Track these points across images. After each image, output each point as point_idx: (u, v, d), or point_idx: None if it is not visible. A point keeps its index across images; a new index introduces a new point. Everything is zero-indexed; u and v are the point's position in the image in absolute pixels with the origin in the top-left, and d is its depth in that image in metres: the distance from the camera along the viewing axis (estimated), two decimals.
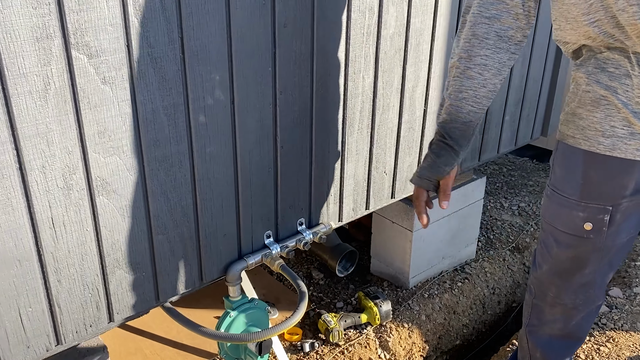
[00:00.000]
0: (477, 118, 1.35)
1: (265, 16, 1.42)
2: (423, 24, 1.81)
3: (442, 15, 1.85)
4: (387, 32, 1.72)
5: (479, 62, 1.30)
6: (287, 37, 1.48)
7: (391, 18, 1.71)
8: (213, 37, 1.34)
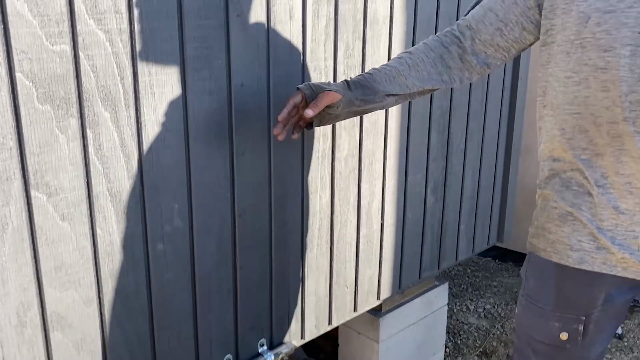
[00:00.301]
0: (381, 86, 1.43)
1: (224, 147, 1.49)
2: (375, 144, 1.92)
3: (392, 136, 1.96)
4: (341, 154, 1.81)
5: (412, 60, 1.44)
6: (245, 165, 1.55)
7: (344, 142, 1.81)
8: (173, 170, 1.40)
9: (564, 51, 1.29)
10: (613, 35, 1.21)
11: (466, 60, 1.42)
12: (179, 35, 1.36)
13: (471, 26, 1.41)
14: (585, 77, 1.27)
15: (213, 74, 1.44)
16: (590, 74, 1.26)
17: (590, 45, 1.24)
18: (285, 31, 1.57)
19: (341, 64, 1.75)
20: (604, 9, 1.21)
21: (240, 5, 1.46)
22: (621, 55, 1.20)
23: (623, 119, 1.24)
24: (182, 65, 1.38)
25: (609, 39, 1.21)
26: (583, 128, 1.30)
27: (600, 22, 1.22)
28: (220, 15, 1.42)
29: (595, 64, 1.24)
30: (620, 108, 1.23)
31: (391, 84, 1.43)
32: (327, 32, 1.68)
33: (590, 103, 1.27)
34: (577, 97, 1.28)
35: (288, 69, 1.60)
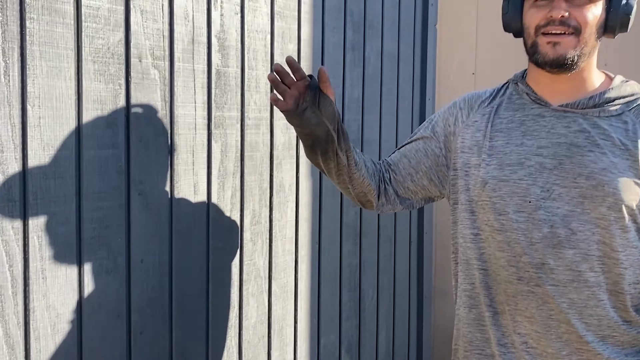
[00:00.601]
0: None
1: (120, 327, 1.44)
2: (284, 309, 1.91)
3: (302, 299, 1.97)
4: (249, 322, 1.78)
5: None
6: (144, 344, 1.49)
7: (252, 309, 1.79)
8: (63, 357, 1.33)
9: (470, 210, 1.40)
10: (507, 202, 1.33)
11: (387, 190, 1.52)
12: (76, 218, 1.35)
13: (391, 164, 1.54)
14: (487, 236, 1.37)
15: (111, 252, 1.42)
16: (490, 234, 1.36)
17: (488, 207, 1.35)
18: (188, 205, 1.60)
19: (248, 231, 1.78)
20: (499, 177, 1.34)
21: (143, 185, 1.48)
22: (514, 220, 1.31)
23: (517, 279, 1.32)
24: (78, 247, 1.36)
25: (503, 204, 1.33)
26: (487, 285, 1.37)
27: (495, 189, 1.34)
28: (121, 196, 1.43)
29: (492, 225, 1.35)
30: (515, 268, 1.32)
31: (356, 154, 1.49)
32: (232, 202, 1.72)
33: (491, 261, 1.36)
34: (483, 254, 1.37)
35: (191, 241, 1.61)
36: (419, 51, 2.57)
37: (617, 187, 1.25)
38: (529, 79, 1.39)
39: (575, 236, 1.27)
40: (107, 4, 1.38)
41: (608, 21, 1.29)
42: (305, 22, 1.94)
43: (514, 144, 1.35)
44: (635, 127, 1.29)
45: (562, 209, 1.28)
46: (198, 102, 1.60)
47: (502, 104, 1.42)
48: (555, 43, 1.26)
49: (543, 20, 1.27)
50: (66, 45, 1.31)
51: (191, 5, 1.56)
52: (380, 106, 2.34)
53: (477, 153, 1.39)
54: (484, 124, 1.41)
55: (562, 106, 1.33)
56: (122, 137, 1.43)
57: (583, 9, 1.25)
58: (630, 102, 1.32)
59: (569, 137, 1.30)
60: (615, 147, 1.27)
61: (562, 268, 1.28)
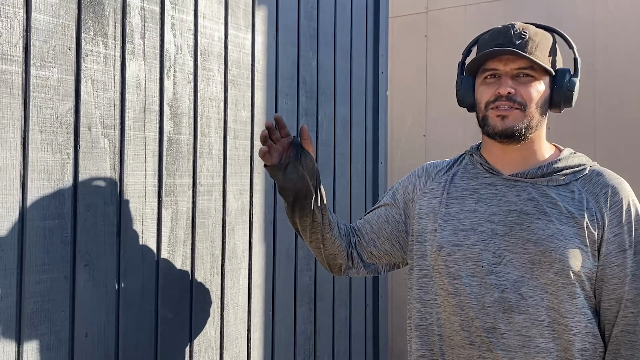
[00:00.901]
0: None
1: None
2: None
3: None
4: None
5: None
6: None
7: None
8: None
9: (427, 275, 1.42)
10: (460, 266, 1.36)
11: (353, 253, 1.55)
12: (17, 292, 1.30)
13: (356, 229, 1.58)
14: (443, 300, 1.38)
15: (54, 327, 1.36)
16: (445, 298, 1.38)
17: (443, 271, 1.38)
18: (137, 275, 1.55)
19: (198, 301, 1.73)
20: (454, 242, 1.38)
21: (89, 255, 1.44)
22: (467, 284, 1.34)
23: (469, 344, 1.32)
24: (18, 322, 1.29)
25: (457, 268, 1.36)
26: (442, 350, 1.37)
27: (450, 253, 1.38)
28: (65, 267, 1.39)
29: (447, 289, 1.37)
30: (467, 332, 1.33)
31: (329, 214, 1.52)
32: (183, 271, 1.69)
33: (446, 326, 1.37)
34: (439, 319, 1.38)
35: (139, 313, 1.56)
36: (371, 116, 2.64)
37: (563, 253, 1.29)
38: (483, 150, 1.46)
39: (525, 301, 1.30)
40: (57, 74, 1.38)
41: (553, 97, 1.38)
42: (259, 90, 1.97)
43: (468, 211, 1.40)
44: (581, 196, 1.34)
45: (512, 274, 1.31)
46: (149, 170, 1.59)
47: (457, 173, 1.48)
48: (503, 116, 1.34)
49: (492, 96, 1.35)
50: (12, 116, 1.29)
51: (143, 74, 1.57)
52: (334, 170, 2.37)
53: (433, 219, 1.44)
54: (440, 191, 1.47)
55: (513, 175, 1.39)
56: (68, 207, 1.40)
57: (528, 86, 1.34)
58: (577, 172, 1.38)
59: (518, 205, 1.36)
60: (562, 215, 1.32)
61: (512, 333, 1.30)
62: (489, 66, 1.36)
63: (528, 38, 1.34)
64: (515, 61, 1.33)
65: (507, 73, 1.34)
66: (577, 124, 3.27)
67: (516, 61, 1.33)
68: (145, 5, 1.58)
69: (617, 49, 3.21)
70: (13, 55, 1.30)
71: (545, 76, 1.36)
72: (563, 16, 3.34)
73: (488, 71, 1.37)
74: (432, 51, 3.68)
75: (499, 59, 1.35)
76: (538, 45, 1.35)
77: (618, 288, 1.30)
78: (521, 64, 1.33)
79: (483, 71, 1.38)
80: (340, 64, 2.41)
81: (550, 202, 1.34)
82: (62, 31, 1.39)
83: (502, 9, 3.49)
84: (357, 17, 2.55)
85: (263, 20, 2.00)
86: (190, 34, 1.71)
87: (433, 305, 1.40)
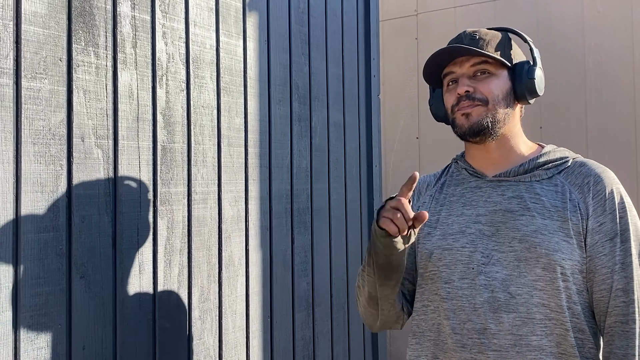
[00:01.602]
0: None
1: None
2: None
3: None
4: None
5: None
6: None
7: None
8: None
9: (419, 284, 1.44)
10: (452, 270, 1.36)
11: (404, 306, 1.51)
12: (12, 307, 1.28)
13: None
14: (437, 306, 1.38)
15: (50, 341, 1.35)
16: (439, 303, 1.38)
17: (436, 277, 1.38)
18: (133, 286, 1.54)
19: (196, 309, 1.73)
20: (443, 246, 1.38)
21: (85, 267, 1.43)
22: (458, 287, 1.34)
23: (461, 347, 1.32)
24: (14, 337, 1.28)
25: (448, 272, 1.36)
26: (436, 355, 1.37)
27: (441, 258, 1.38)
28: (61, 280, 1.38)
29: (440, 294, 1.37)
30: (459, 335, 1.33)
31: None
32: (180, 280, 1.68)
33: (441, 330, 1.37)
34: (433, 324, 1.39)
35: (137, 323, 1.55)
36: (364, 120, 2.64)
37: (548, 247, 1.29)
38: (466, 156, 1.48)
39: (514, 300, 1.30)
40: (49, 85, 1.37)
41: (515, 89, 1.39)
42: (252, 96, 1.97)
43: (455, 215, 1.41)
44: (564, 189, 1.34)
45: (500, 273, 1.32)
46: (143, 179, 1.58)
47: (445, 182, 1.50)
48: (467, 114, 1.36)
49: (455, 99, 1.38)
50: (4, 128, 1.28)
51: (136, 83, 1.56)
52: (329, 175, 2.36)
53: (422, 229, 1.45)
54: (430, 202, 1.49)
55: (497, 176, 1.40)
56: (63, 219, 1.39)
57: (485, 82, 1.36)
58: (560, 165, 1.38)
59: (503, 204, 1.36)
60: (545, 209, 1.33)
61: (503, 332, 1.29)
62: (446, 72, 1.40)
63: (478, 38, 1.37)
64: (469, 60, 1.36)
65: (464, 74, 1.36)
66: (569, 122, 3.29)
67: (469, 59, 1.36)
68: (136, 14, 1.58)
69: (606, 47, 3.23)
70: (4, 68, 1.29)
71: (503, 70, 1.38)
72: (552, 16, 3.36)
73: (447, 77, 1.40)
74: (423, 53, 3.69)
75: (453, 63, 1.38)
76: (489, 42, 1.37)
77: (608, 278, 1.29)
78: (475, 61, 1.35)
79: (444, 79, 1.42)
80: (332, 68, 2.41)
81: (533, 197, 1.35)
82: (52, 42, 1.38)
83: (492, 10, 3.51)
84: (348, 21, 2.55)
85: (254, 27, 1.99)
86: (181, 42, 1.71)
87: (427, 311, 1.41)
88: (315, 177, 2.28)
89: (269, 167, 2.04)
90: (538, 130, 3.34)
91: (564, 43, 3.33)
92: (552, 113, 3.33)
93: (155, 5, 1.63)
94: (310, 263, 2.23)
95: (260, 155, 2.00)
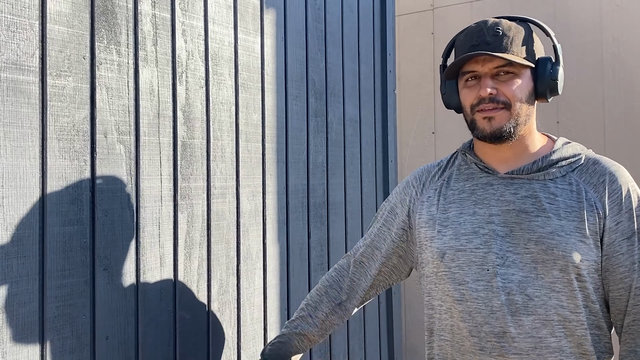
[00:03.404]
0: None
1: None
2: None
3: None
4: None
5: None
6: None
7: None
8: None
9: (433, 282, 1.41)
10: (465, 271, 1.34)
11: (347, 308, 1.59)
12: (39, 297, 1.33)
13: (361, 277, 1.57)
14: (449, 307, 1.37)
15: (75, 331, 1.39)
16: (452, 304, 1.37)
17: (447, 278, 1.37)
18: (155, 278, 1.58)
19: (215, 301, 1.76)
20: (456, 247, 1.36)
21: (108, 259, 1.47)
22: (473, 289, 1.33)
23: (480, 349, 1.31)
24: (41, 327, 1.33)
25: (462, 274, 1.35)
26: (452, 356, 1.36)
27: (454, 259, 1.36)
28: (85, 272, 1.42)
29: (453, 296, 1.36)
30: (477, 338, 1.32)
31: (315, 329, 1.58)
32: (199, 273, 1.71)
33: (455, 332, 1.36)
34: (447, 325, 1.38)
35: (158, 315, 1.59)
36: (380, 115, 2.66)
37: (565, 249, 1.27)
38: (476, 149, 1.44)
39: (533, 302, 1.29)
40: (73, 82, 1.41)
41: (537, 88, 1.35)
42: (269, 92, 2.00)
43: (467, 214, 1.38)
44: (579, 187, 1.32)
45: (517, 275, 1.30)
46: (164, 174, 1.62)
47: (452, 175, 1.46)
48: (490, 118, 1.32)
49: (475, 99, 1.33)
50: (31, 125, 1.32)
51: (156, 80, 1.60)
52: (345, 170, 2.39)
53: (432, 226, 1.42)
54: (437, 197, 1.45)
55: (509, 173, 1.37)
56: (86, 213, 1.43)
57: (509, 84, 1.32)
58: (573, 162, 1.36)
59: (516, 204, 1.34)
60: (561, 210, 1.31)
61: (523, 336, 1.28)
62: (467, 69, 1.35)
63: (502, 34, 1.32)
64: (493, 60, 1.31)
65: (487, 73, 1.32)
66: (585, 116, 3.27)
67: (493, 60, 1.31)
68: (157, 12, 1.61)
69: (624, 40, 3.21)
70: (30, 66, 1.33)
71: (526, 69, 1.34)
72: (569, 9, 3.34)
73: (467, 73, 1.35)
74: (439, 48, 3.69)
75: (475, 60, 1.33)
76: (513, 40, 1.32)
77: (626, 277, 1.28)
78: (499, 63, 1.31)
79: (463, 74, 1.37)
80: (348, 64, 2.43)
81: (548, 197, 1.32)
82: (76, 41, 1.42)
83: (508, 3, 3.50)
84: (364, 16, 2.57)
85: (271, 24, 2.02)
86: (200, 40, 1.74)
87: (440, 311, 1.39)
88: (331, 172, 2.30)
89: (286, 162, 2.07)
90: (555, 124, 3.33)
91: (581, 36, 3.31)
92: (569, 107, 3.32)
93: (175, 3, 1.66)
94: (326, 257, 2.25)
95: (277, 150, 2.03)
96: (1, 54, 1.27)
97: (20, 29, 1.31)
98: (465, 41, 1.36)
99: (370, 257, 1.55)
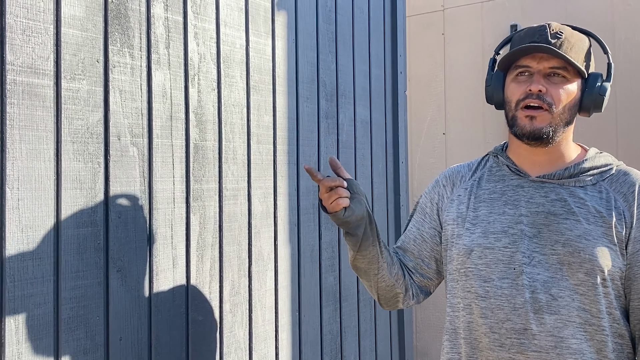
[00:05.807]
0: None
1: None
2: None
3: None
4: None
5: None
6: None
7: None
8: None
9: (454, 279, 1.43)
10: (492, 269, 1.36)
11: (407, 282, 1.51)
12: (54, 298, 1.34)
13: (400, 258, 1.55)
14: (469, 303, 1.38)
15: (89, 332, 1.41)
16: (473, 300, 1.37)
17: (473, 274, 1.38)
18: (167, 279, 1.59)
19: (227, 302, 1.77)
20: (484, 245, 1.38)
21: (122, 261, 1.48)
22: (498, 287, 1.34)
23: (499, 346, 1.32)
24: (56, 328, 1.34)
25: (488, 272, 1.36)
26: (469, 354, 1.37)
27: (481, 256, 1.37)
28: (99, 273, 1.43)
29: (476, 292, 1.37)
30: (497, 334, 1.33)
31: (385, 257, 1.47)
32: (211, 274, 1.72)
33: (473, 329, 1.37)
34: (464, 323, 1.39)
35: (171, 316, 1.60)
36: (390, 117, 2.66)
37: (592, 253, 1.29)
38: (510, 151, 1.46)
39: (556, 302, 1.29)
40: (87, 85, 1.42)
41: (583, 100, 1.37)
42: (280, 94, 2.00)
43: (497, 213, 1.39)
44: (609, 196, 1.34)
45: (542, 275, 1.31)
46: (176, 176, 1.63)
47: (483, 176, 1.47)
48: (532, 117, 1.33)
49: (523, 94, 1.34)
50: (45, 128, 1.34)
51: (169, 83, 1.61)
52: (355, 171, 2.39)
53: (461, 224, 1.43)
54: (467, 196, 1.46)
55: (540, 177, 1.38)
56: (100, 215, 1.44)
57: (558, 86, 1.33)
58: (604, 172, 1.37)
59: (546, 206, 1.35)
60: (590, 215, 1.32)
61: (544, 334, 1.29)
62: (521, 63, 1.35)
63: (564, 38, 1.33)
64: (549, 60, 1.32)
65: (540, 71, 1.33)
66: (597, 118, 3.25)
67: (550, 60, 1.32)
68: (169, 15, 1.62)
69: (637, 41, 3.19)
70: (45, 69, 1.34)
71: (578, 78, 1.35)
72: (581, 10, 3.33)
73: (520, 68, 1.35)
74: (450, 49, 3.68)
75: (532, 56, 1.33)
76: (573, 47, 1.33)
77: None
78: (555, 63, 1.32)
79: (515, 68, 1.37)
80: (359, 65, 2.43)
81: (578, 202, 1.34)
82: (90, 44, 1.43)
83: (519, 5, 3.48)
84: (375, 17, 2.57)
85: (282, 26, 2.02)
86: (212, 42, 1.75)
87: (459, 308, 1.40)
88: None
89: (297, 163, 2.08)
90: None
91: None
92: None
93: (187, 6, 1.67)
94: (338, 259, 2.26)
95: (288, 152, 2.04)
96: (17, 58, 1.29)
97: (35, 33, 1.33)
98: (525, 37, 1.37)
99: (410, 260, 1.53)
